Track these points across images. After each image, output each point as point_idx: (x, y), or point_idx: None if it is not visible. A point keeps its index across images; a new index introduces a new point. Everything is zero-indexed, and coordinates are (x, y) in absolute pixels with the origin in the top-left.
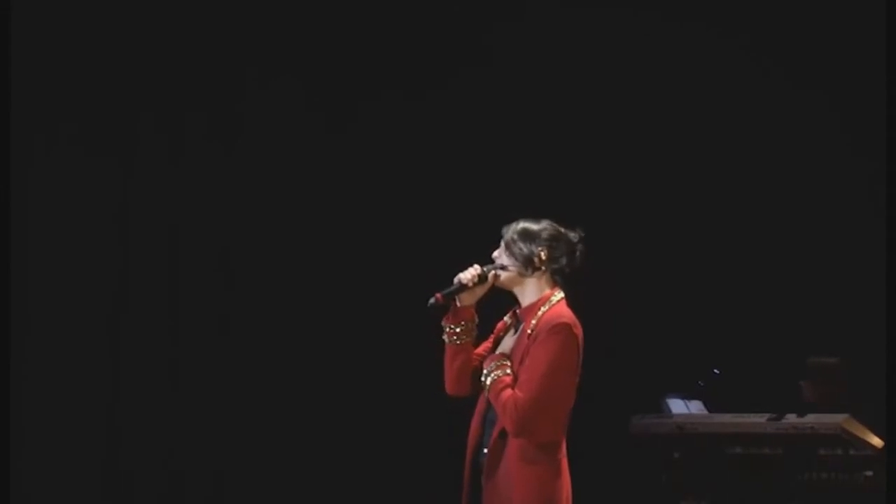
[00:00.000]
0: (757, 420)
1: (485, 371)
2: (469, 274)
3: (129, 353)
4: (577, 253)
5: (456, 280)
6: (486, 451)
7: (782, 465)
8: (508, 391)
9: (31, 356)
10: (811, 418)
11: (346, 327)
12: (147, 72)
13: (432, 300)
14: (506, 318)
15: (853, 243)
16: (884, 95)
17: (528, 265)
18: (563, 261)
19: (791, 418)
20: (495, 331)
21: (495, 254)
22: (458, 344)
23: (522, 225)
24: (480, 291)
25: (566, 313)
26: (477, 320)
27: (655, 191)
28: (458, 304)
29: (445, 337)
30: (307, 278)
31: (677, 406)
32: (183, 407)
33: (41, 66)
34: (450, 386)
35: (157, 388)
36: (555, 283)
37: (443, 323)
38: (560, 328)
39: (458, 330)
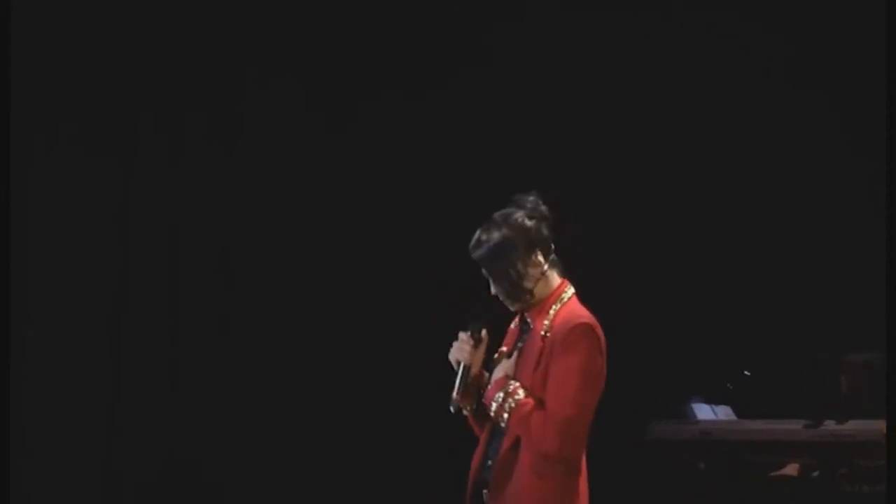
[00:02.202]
0: (792, 427)
1: (493, 405)
2: (466, 352)
3: (129, 353)
4: (550, 220)
5: (454, 361)
6: (490, 462)
7: (817, 475)
8: (538, 413)
9: (31, 356)
10: (851, 425)
11: (347, 327)
12: (147, 72)
13: (453, 406)
14: (512, 326)
15: (853, 243)
16: (884, 95)
17: (522, 280)
18: (550, 244)
19: (830, 425)
20: (505, 342)
21: (492, 289)
22: (482, 413)
23: (485, 241)
24: (482, 354)
25: (583, 312)
26: (487, 376)
27: (657, 191)
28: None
29: (466, 412)
30: (307, 278)
31: (703, 411)
32: (183, 407)
33: (41, 66)
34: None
35: (157, 388)
36: (560, 274)
37: (459, 405)
38: (583, 331)
39: (475, 405)
